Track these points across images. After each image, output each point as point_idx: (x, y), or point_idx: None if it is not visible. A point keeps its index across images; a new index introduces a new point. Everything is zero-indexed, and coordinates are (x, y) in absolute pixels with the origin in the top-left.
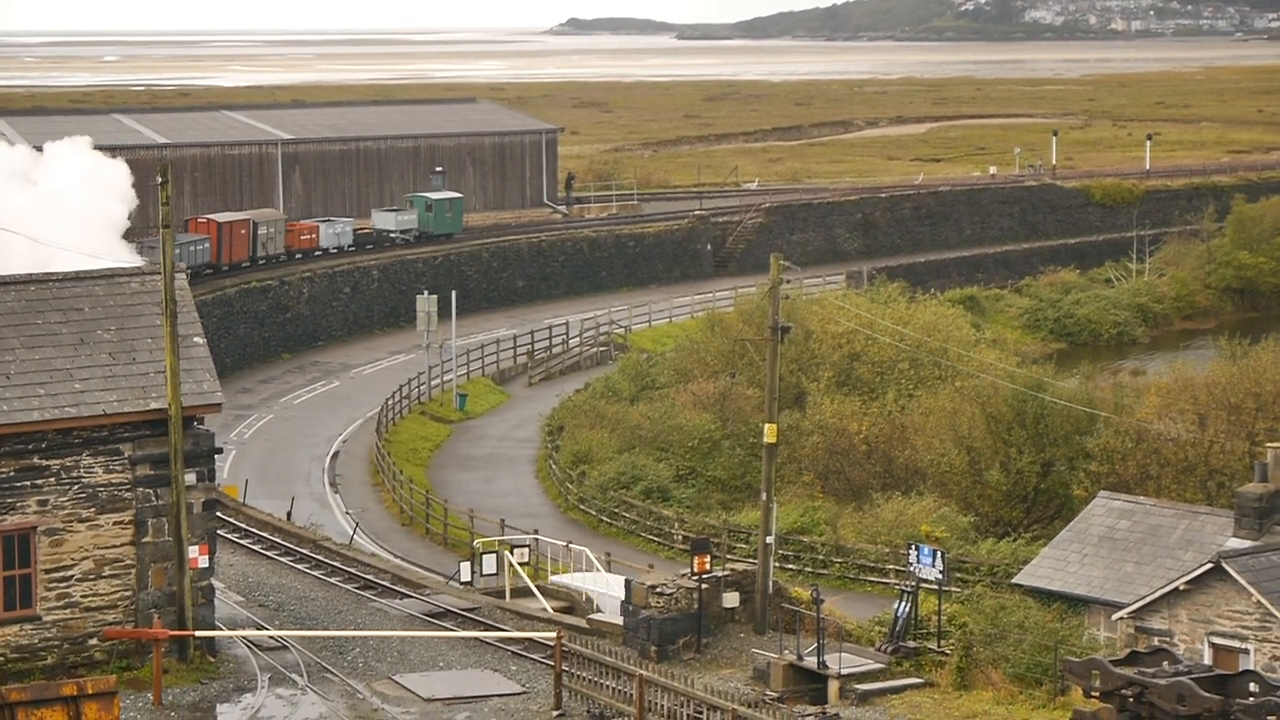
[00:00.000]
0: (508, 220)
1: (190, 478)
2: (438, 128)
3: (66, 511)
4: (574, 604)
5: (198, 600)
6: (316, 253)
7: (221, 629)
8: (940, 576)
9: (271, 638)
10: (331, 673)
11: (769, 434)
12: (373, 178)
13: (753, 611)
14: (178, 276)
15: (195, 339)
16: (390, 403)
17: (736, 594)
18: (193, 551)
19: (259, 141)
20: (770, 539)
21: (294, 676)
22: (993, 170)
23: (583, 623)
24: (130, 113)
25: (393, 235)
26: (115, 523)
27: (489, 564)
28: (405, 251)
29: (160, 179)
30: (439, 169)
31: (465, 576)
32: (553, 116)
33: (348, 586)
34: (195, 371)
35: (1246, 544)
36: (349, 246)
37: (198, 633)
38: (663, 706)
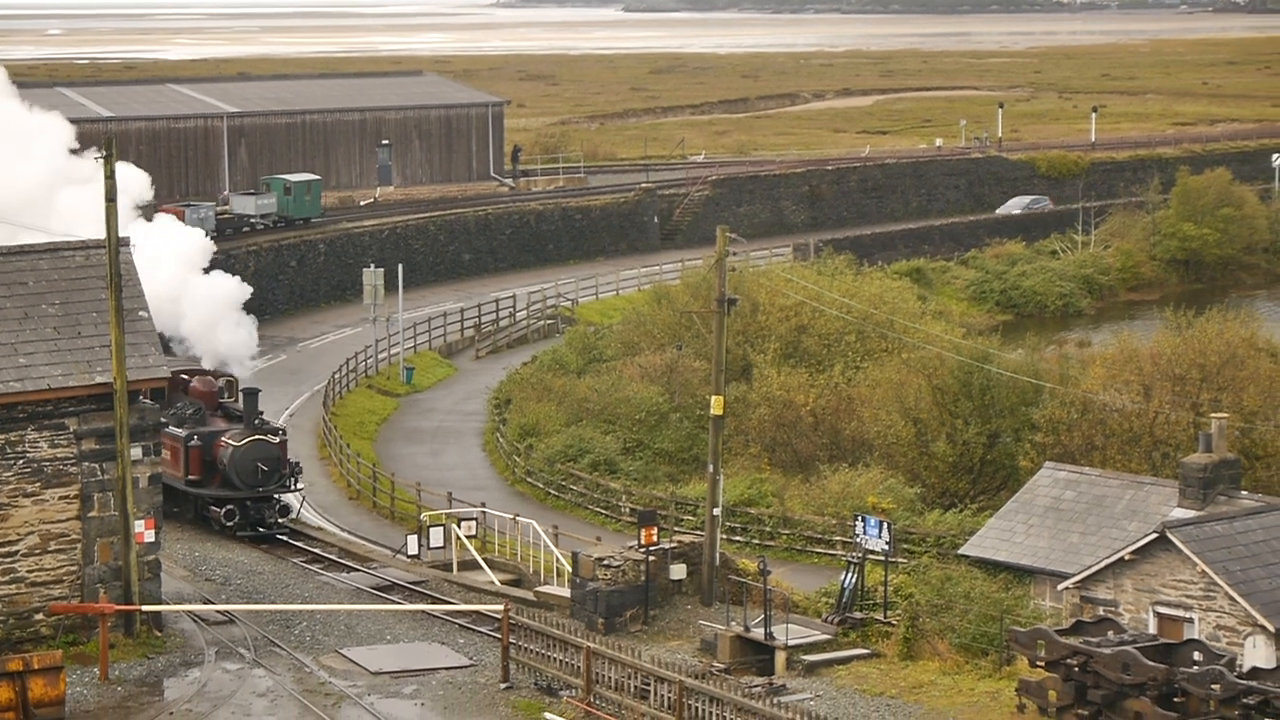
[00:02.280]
0: (454, 193)
1: (136, 452)
2: (384, 101)
3: (11, 487)
4: (521, 576)
5: (144, 575)
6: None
7: (168, 604)
8: (887, 547)
9: (219, 612)
10: (279, 647)
11: (715, 406)
12: (319, 151)
13: (700, 583)
14: (122, 250)
15: (140, 313)
16: (337, 376)
17: (684, 566)
18: (139, 526)
19: (205, 115)
20: (717, 511)
21: (241, 650)
22: (939, 143)
23: (530, 595)
24: (75, 86)
25: (252, 220)
26: (61, 497)
27: (436, 537)
28: (352, 225)
29: (104, 152)
30: (385, 142)
31: (412, 550)
32: (499, 89)
33: (295, 560)
34: (140, 346)
35: (1191, 514)
36: (210, 233)
37: (144, 607)
38: (610, 678)
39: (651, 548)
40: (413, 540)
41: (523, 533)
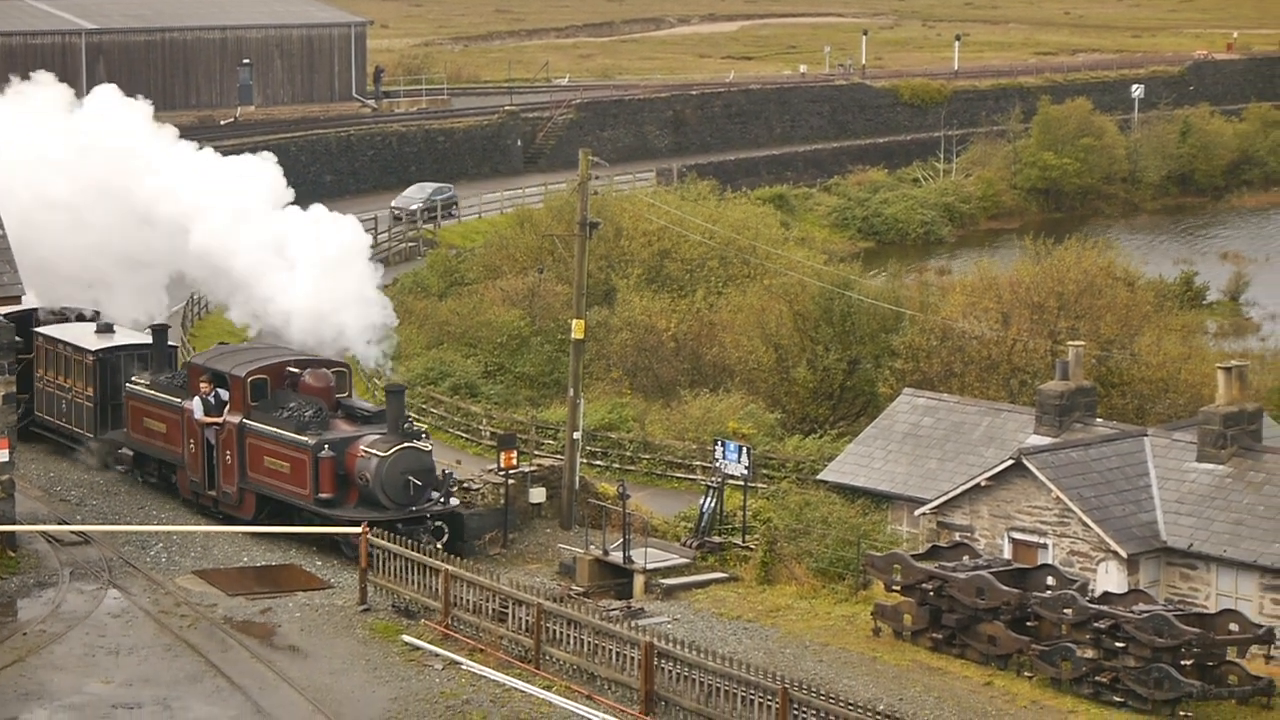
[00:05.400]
0: (316, 114)
1: None
2: (245, 19)
3: None
4: None
5: None
6: None
7: (22, 524)
8: (746, 472)
9: (74, 533)
10: (134, 568)
11: (577, 330)
12: (178, 70)
13: (559, 507)
14: None
15: None
16: (195, 297)
17: (543, 490)
18: None
19: (62, 31)
20: (577, 435)
21: (96, 572)
22: (803, 69)
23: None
24: None
25: None
26: None
27: None
28: (212, 144)
29: None
30: (246, 61)
31: None
32: (362, 9)
33: (152, 481)
34: None
35: (1047, 441)
36: None
37: None
38: (468, 601)
39: (511, 471)
40: None
41: None
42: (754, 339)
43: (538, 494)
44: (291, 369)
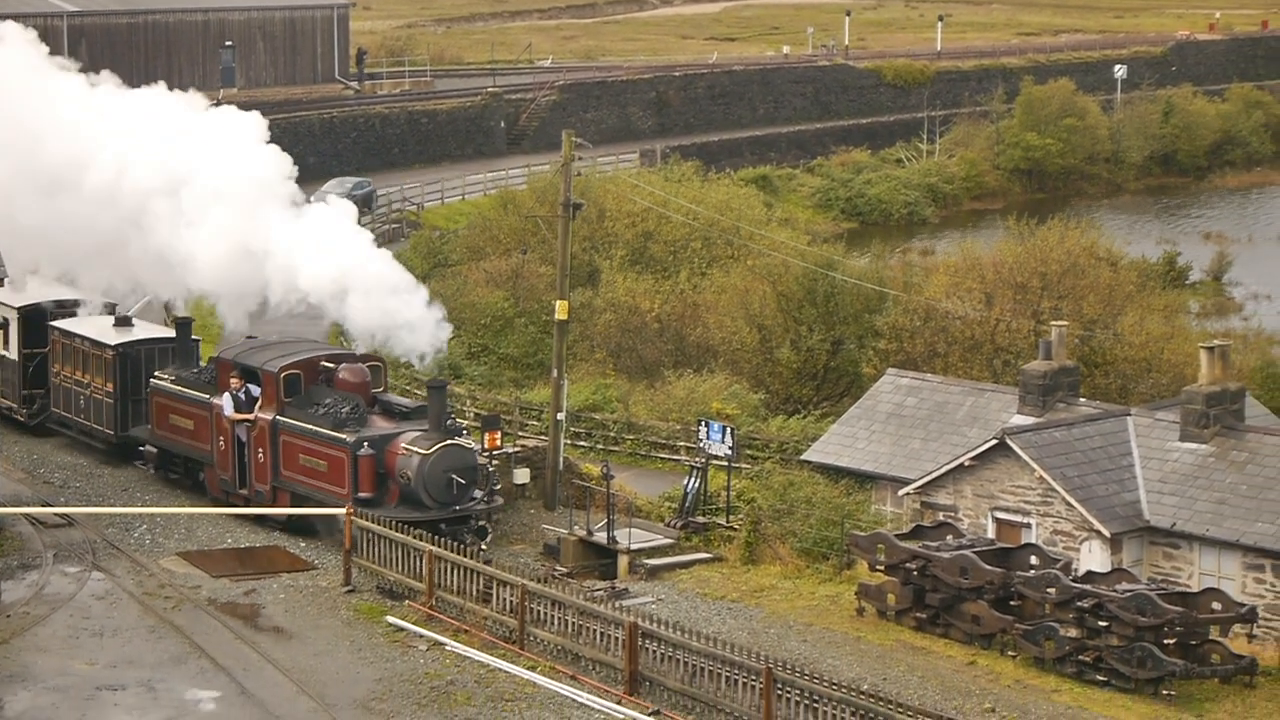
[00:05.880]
0: (299, 96)
1: None
2: (227, 1)
3: None
4: None
5: None
6: None
7: (5, 506)
8: (730, 453)
9: (57, 515)
10: (118, 550)
11: (560, 311)
12: (160, 53)
13: (543, 488)
14: None
15: None
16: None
17: (527, 470)
18: None
19: (43, 14)
20: (561, 415)
21: (80, 554)
22: (786, 50)
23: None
24: None
25: None
26: None
27: None
28: None
29: None
30: (229, 43)
31: None
32: None
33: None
34: None
35: (1030, 420)
36: None
37: None
38: (452, 583)
39: (495, 452)
40: None
41: None
42: (738, 320)
43: (522, 475)
44: (326, 363)
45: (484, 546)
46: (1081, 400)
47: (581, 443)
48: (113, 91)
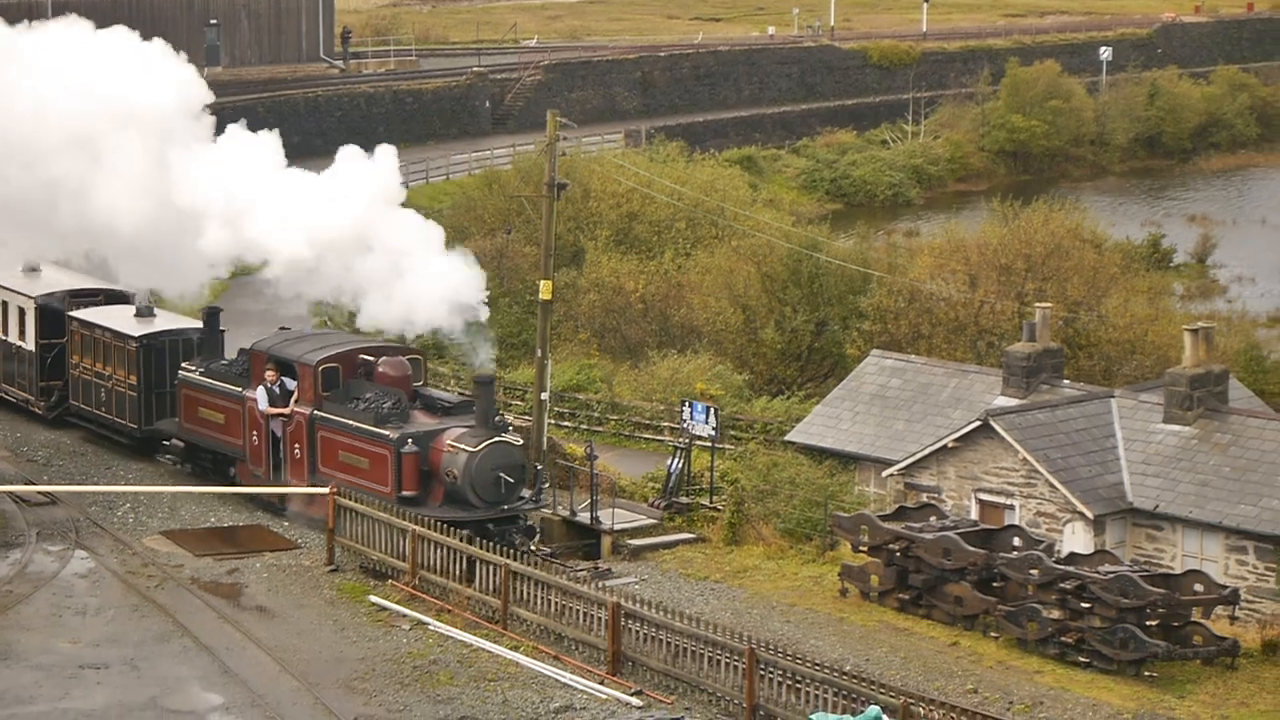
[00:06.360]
0: (283, 75)
1: None
2: None
3: None
4: None
5: None
6: None
7: None
8: (713, 433)
9: (40, 493)
10: (101, 528)
11: (544, 291)
12: (145, 30)
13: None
14: None
15: None
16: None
17: None
18: None
19: None
20: (545, 396)
21: (63, 532)
22: (771, 31)
23: None
24: None
25: None
26: None
27: None
28: None
29: None
30: (213, 21)
31: None
32: None
33: (118, 439)
34: None
35: (1014, 402)
36: None
37: None
38: (435, 562)
39: None
40: None
41: None
42: (722, 300)
43: None
44: (365, 356)
45: (533, 547)
46: (1065, 382)
47: (565, 423)
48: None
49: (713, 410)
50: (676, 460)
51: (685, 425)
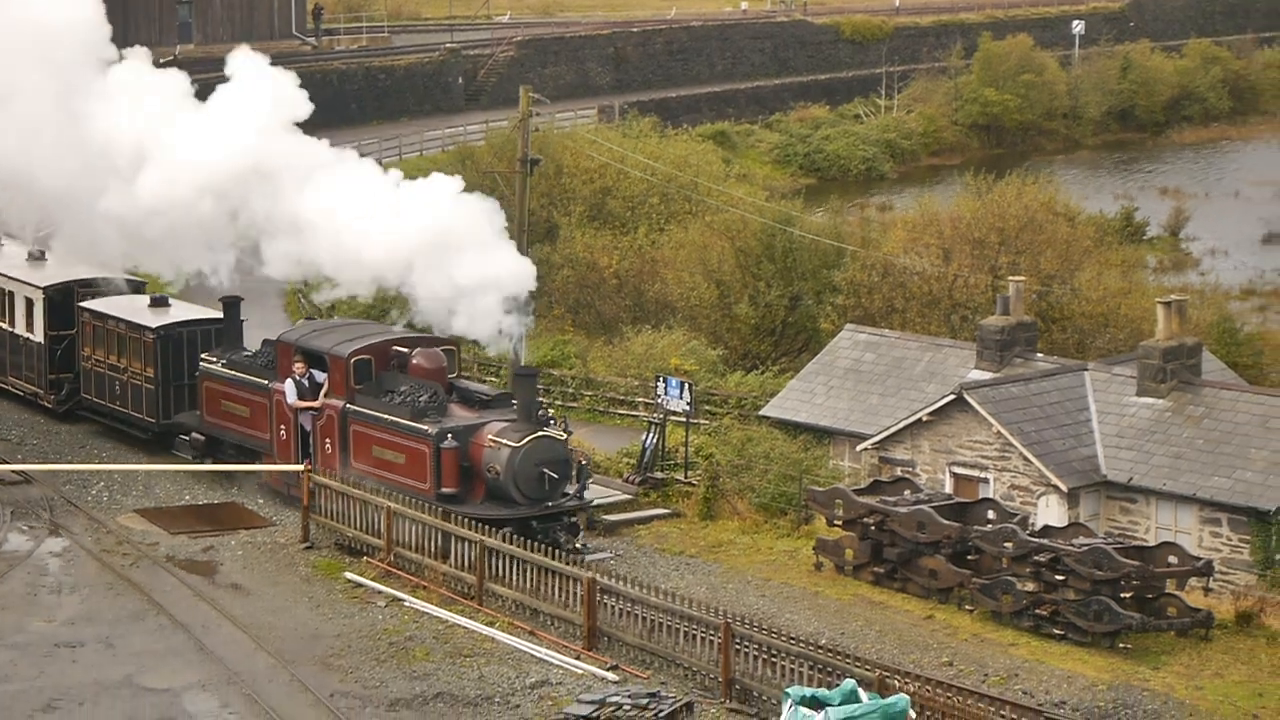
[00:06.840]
0: (256, 52)
1: None
2: None
3: None
4: None
5: None
6: None
7: None
8: (688, 408)
9: (14, 472)
10: (76, 507)
11: None
12: (116, 8)
13: None
14: None
15: None
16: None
17: None
18: None
19: None
20: None
21: (37, 511)
22: (744, 6)
23: None
24: None
25: None
26: None
27: None
28: None
29: None
30: None
31: None
32: None
33: (94, 417)
34: None
35: (987, 376)
36: None
37: None
38: (410, 539)
39: None
40: None
41: None
42: (696, 275)
43: None
44: (398, 348)
45: (579, 545)
46: (1039, 355)
47: (539, 399)
48: None
49: (687, 385)
50: (651, 435)
51: (660, 400)
